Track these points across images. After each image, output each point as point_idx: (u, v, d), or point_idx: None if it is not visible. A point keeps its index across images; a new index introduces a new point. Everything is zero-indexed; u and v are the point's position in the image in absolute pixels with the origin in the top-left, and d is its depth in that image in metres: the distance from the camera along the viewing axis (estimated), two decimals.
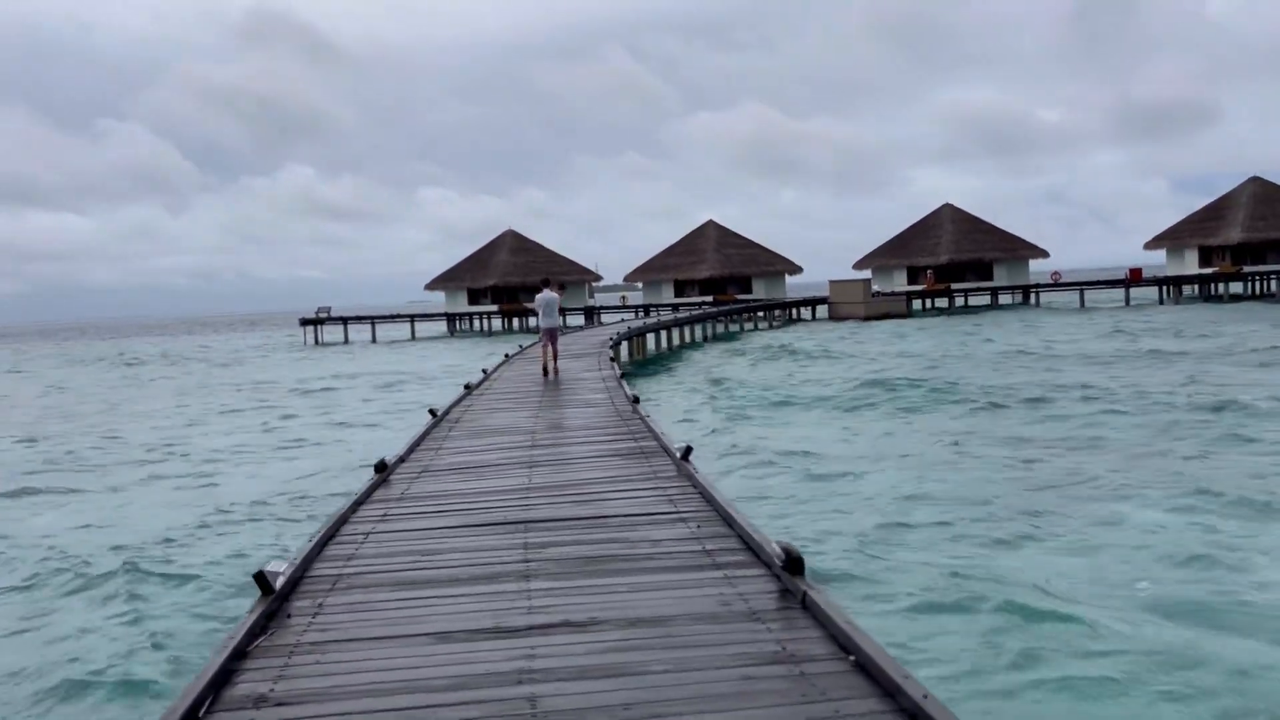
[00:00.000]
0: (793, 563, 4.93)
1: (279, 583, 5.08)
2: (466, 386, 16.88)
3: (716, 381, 27.20)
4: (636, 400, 12.97)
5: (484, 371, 20.80)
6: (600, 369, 20.57)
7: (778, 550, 5.08)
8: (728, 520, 6.32)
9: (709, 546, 5.86)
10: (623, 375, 17.35)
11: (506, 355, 25.87)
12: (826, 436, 17.40)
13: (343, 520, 7.09)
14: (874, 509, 11.36)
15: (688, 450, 8.40)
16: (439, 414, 13.06)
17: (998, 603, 7.65)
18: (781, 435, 17.53)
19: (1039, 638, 7.02)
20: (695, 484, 7.56)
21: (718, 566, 5.44)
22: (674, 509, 6.93)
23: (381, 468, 8.93)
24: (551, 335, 20.12)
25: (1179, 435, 15.65)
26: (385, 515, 7.32)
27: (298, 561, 5.62)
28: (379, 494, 8.22)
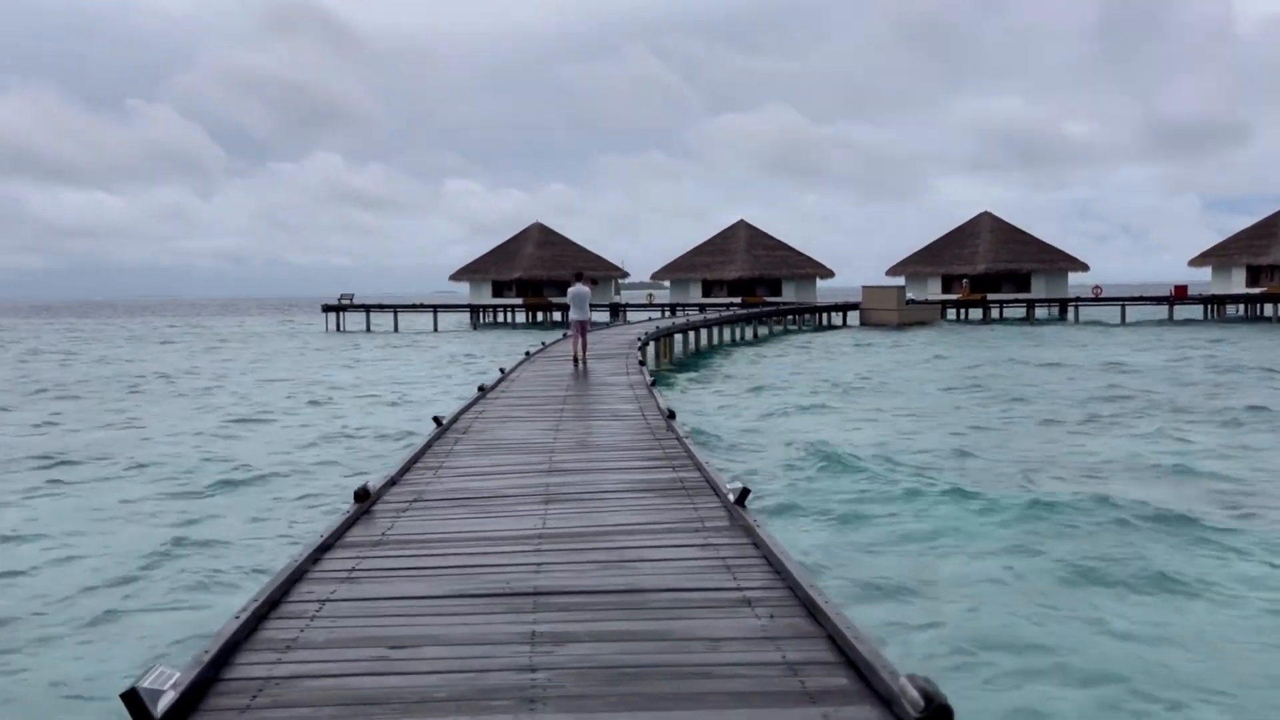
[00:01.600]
0: (937, 714, 3.21)
1: (160, 710, 3.37)
2: (481, 389, 15.22)
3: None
4: (672, 415, 11.24)
5: (501, 371, 19.15)
6: (628, 373, 18.88)
7: (914, 695, 3.32)
8: (813, 611, 4.59)
9: (791, 655, 4.12)
10: (653, 382, 15.62)
11: (527, 352, 24.19)
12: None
13: (294, 579, 5.39)
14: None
15: (744, 494, 6.65)
16: (445, 422, 11.40)
17: None
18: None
19: None
20: (759, 545, 5.82)
21: (811, 698, 3.70)
22: (735, 584, 5.18)
23: (363, 495, 7.24)
24: (581, 328, 21.11)
25: None
26: (352, 572, 5.61)
27: (206, 661, 3.90)
28: (355, 533, 6.54)
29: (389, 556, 5.94)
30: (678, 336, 40.33)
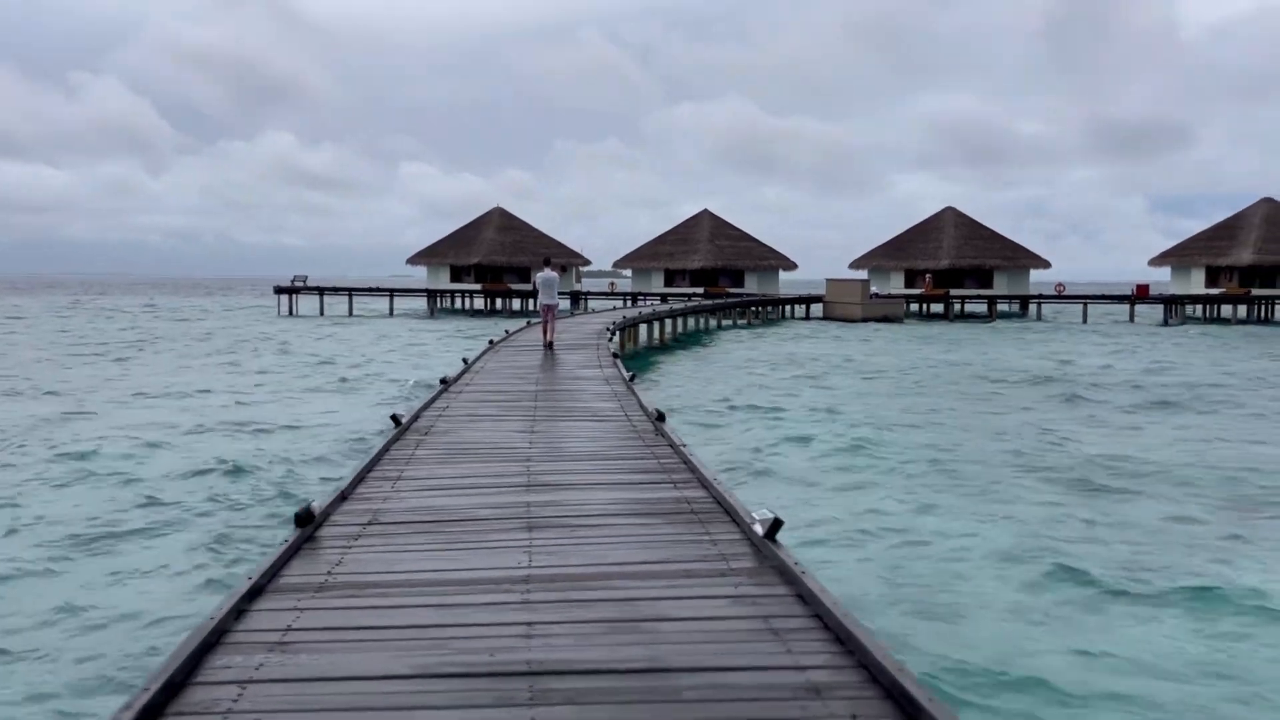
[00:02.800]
0: None
1: None
2: (443, 381, 13.84)
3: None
4: (662, 418, 10.00)
5: (464, 361, 17.76)
6: (600, 365, 17.60)
7: None
8: (907, 707, 3.39)
9: None
10: (632, 377, 14.33)
11: (490, 341, 22.78)
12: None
13: (206, 647, 4.06)
14: None
15: (775, 525, 5.43)
16: (404, 421, 10.05)
17: None
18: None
19: None
20: (807, 600, 4.60)
21: None
22: (791, 659, 3.95)
23: (305, 519, 5.91)
24: (550, 311, 21.85)
25: None
26: (286, 634, 4.28)
27: None
28: (294, 570, 5.23)
29: (335, 608, 4.64)
30: (642, 326, 39.15)
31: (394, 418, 9.74)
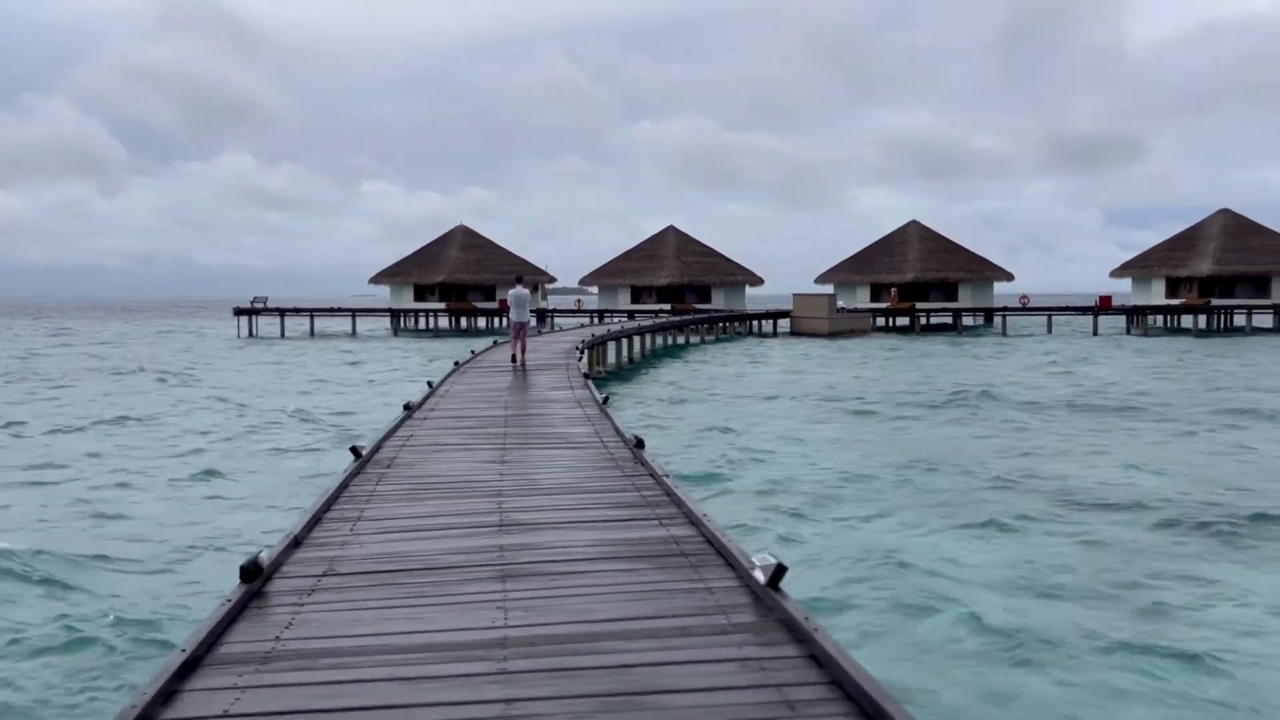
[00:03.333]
0: None
1: None
2: (407, 407, 13.17)
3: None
4: (640, 445, 9.42)
5: (429, 385, 17.08)
6: (571, 386, 17.00)
7: None
8: None
9: None
10: (606, 399, 13.73)
11: (456, 363, 22.08)
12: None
13: None
14: None
15: (779, 572, 4.87)
16: (365, 453, 9.39)
17: None
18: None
19: None
20: (825, 664, 4.04)
21: None
22: None
23: (252, 573, 5.26)
24: (521, 329, 22.07)
25: None
26: None
27: None
28: (237, 636, 4.59)
29: (283, 684, 4.00)
30: (610, 344, 38.58)
31: (354, 450, 9.08)
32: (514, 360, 21.58)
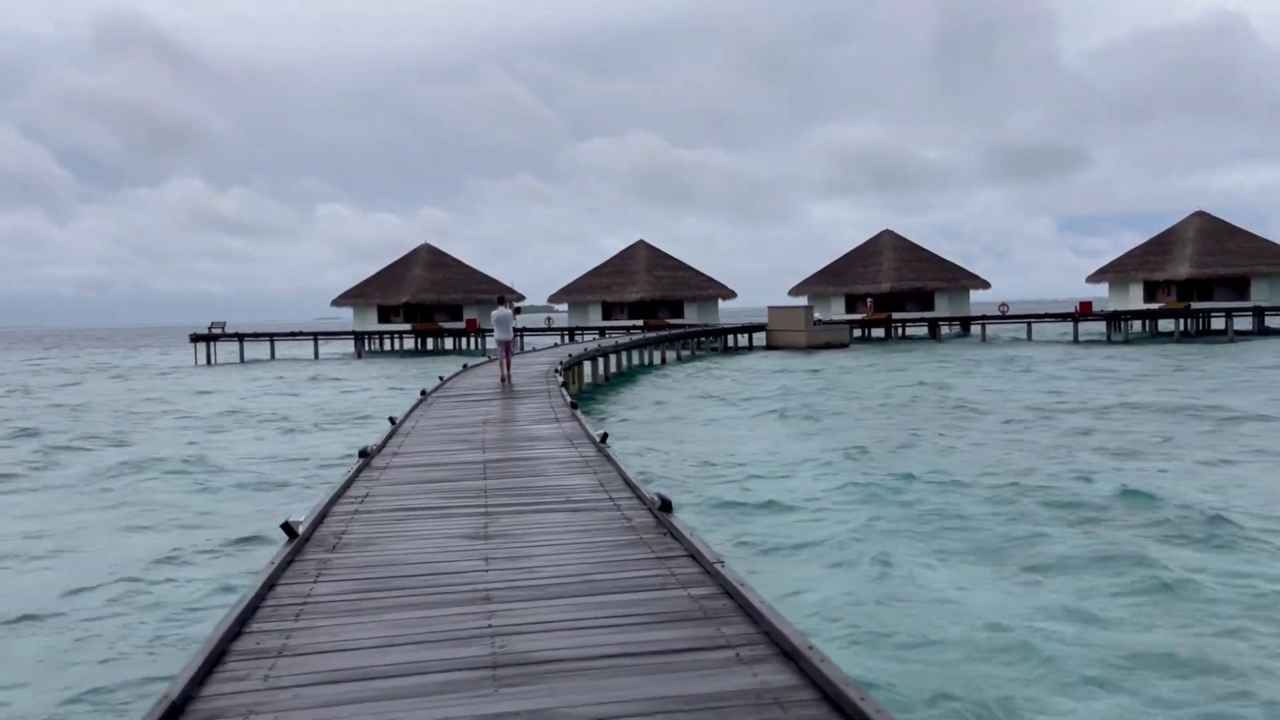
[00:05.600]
0: None
1: None
2: (363, 454, 10.83)
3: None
4: (667, 508, 7.22)
5: (391, 421, 14.72)
6: (558, 418, 14.72)
7: None
8: None
9: None
10: (604, 436, 11.45)
11: (423, 392, 19.72)
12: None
13: None
14: None
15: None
16: (303, 531, 7.07)
17: None
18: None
19: None
20: None
21: None
22: None
23: None
24: (506, 347, 22.88)
25: None
26: None
27: None
28: None
29: None
30: (586, 364, 36.39)
31: (287, 527, 6.79)
32: (503, 381, 22.16)
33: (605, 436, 11.23)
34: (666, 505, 7.18)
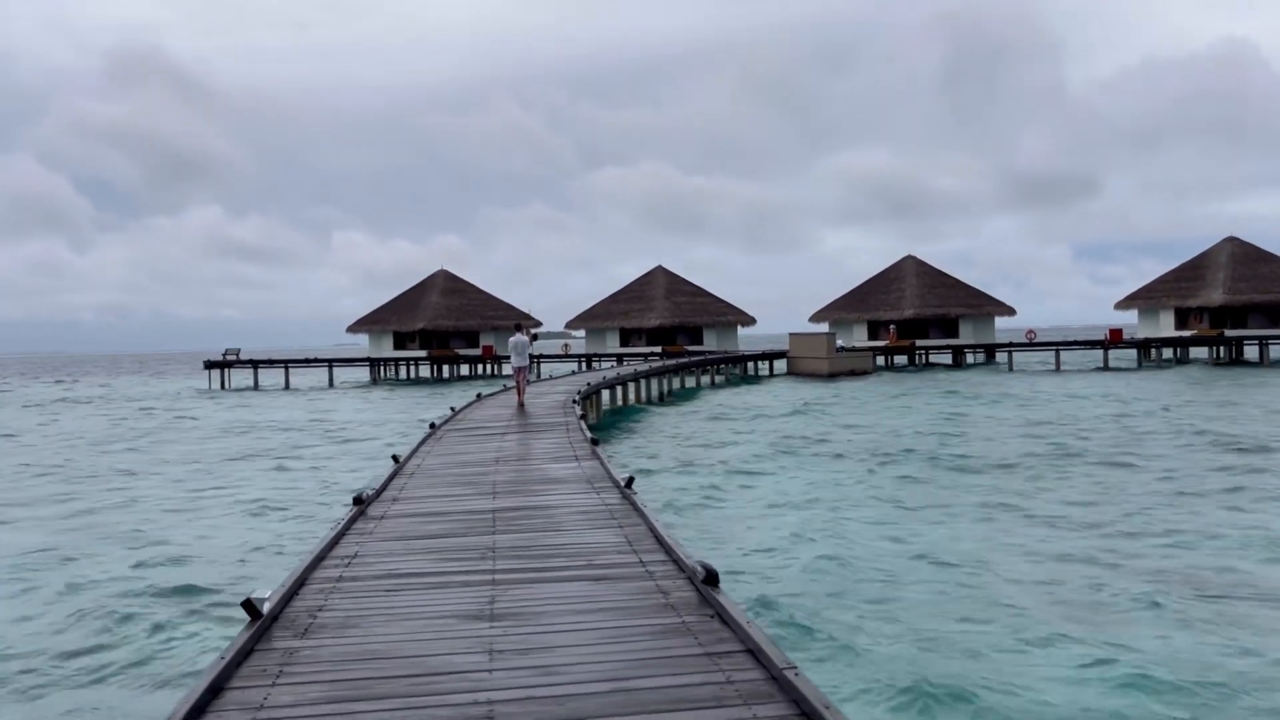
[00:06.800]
0: None
1: None
2: (358, 501, 9.58)
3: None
4: (712, 580, 5.93)
5: (395, 460, 13.47)
6: (577, 457, 13.44)
7: None
8: None
9: None
10: (629, 481, 10.16)
11: (431, 425, 18.49)
12: None
13: None
14: None
15: None
16: (273, 606, 5.82)
17: None
18: None
19: None
20: None
21: None
22: None
23: None
24: (521, 373, 23.69)
25: None
26: None
27: None
28: None
29: None
30: (605, 392, 35.18)
31: (247, 605, 5.54)
32: (520, 406, 22.69)
33: (631, 481, 9.96)
34: (712, 577, 5.89)
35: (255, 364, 69.97)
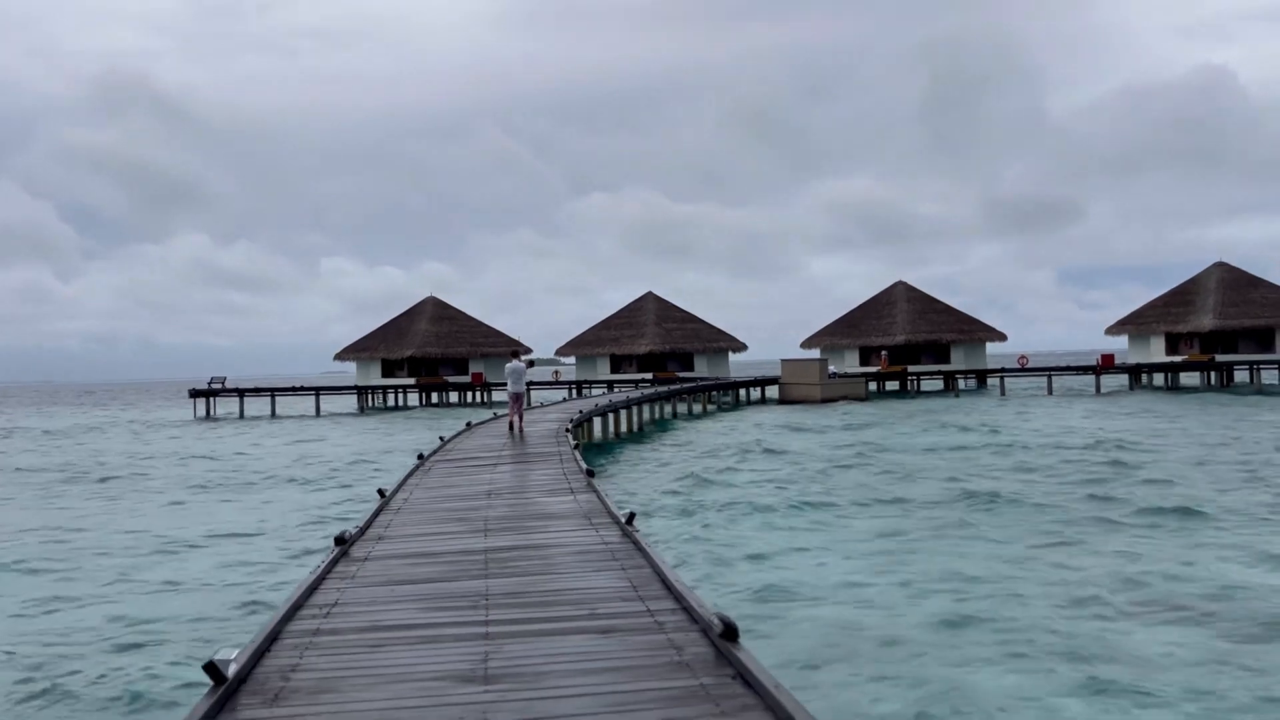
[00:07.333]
0: None
1: None
2: (339, 541, 8.93)
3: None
4: (730, 634, 5.34)
5: (381, 493, 12.79)
6: (572, 489, 12.83)
7: None
8: None
9: None
10: (630, 517, 9.56)
11: (420, 456, 17.84)
12: None
13: None
14: None
15: None
16: (238, 670, 5.19)
17: None
18: None
19: None
20: None
21: None
22: None
23: None
24: (518, 399, 23.74)
25: None
26: None
27: None
28: None
29: None
30: (597, 420, 34.60)
31: (210, 669, 4.92)
32: (512, 429, 22.91)
33: (632, 517, 9.36)
34: (731, 631, 5.30)
35: (241, 392, 69.14)
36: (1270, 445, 26.85)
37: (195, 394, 69.79)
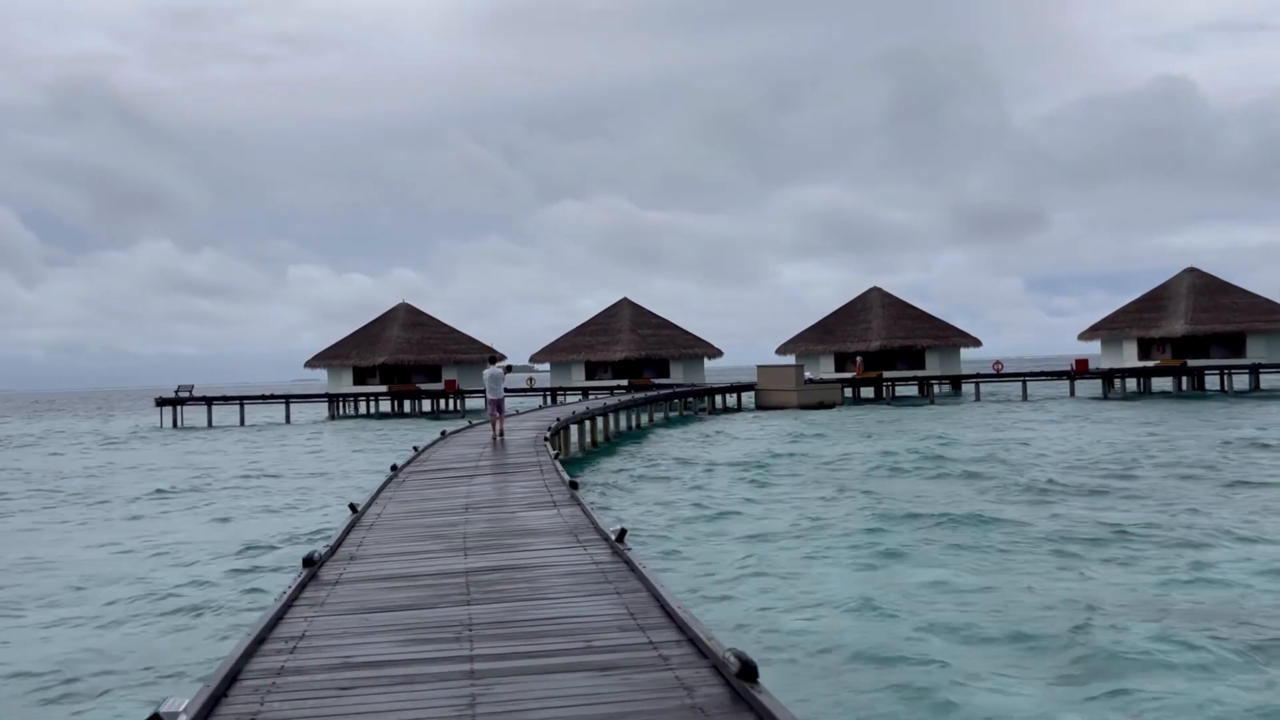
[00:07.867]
0: None
1: None
2: (307, 562, 8.23)
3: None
4: (748, 673, 4.76)
5: (352, 508, 12.07)
6: (555, 502, 12.19)
7: None
8: None
9: None
10: (621, 534, 8.95)
11: (393, 467, 17.10)
12: None
13: None
14: None
15: None
16: (199, 710, 4.56)
17: None
18: None
19: None
20: None
21: None
22: None
23: None
24: (498, 405, 23.25)
25: None
26: None
27: None
28: None
29: None
30: (574, 427, 33.94)
31: (158, 719, 4.28)
32: (494, 435, 22.60)
33: (623, 534, 8.77)
34: (749, 671, 4.72)
35: (209, 401, 67.82)
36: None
37: (162, 403, 68.39)
